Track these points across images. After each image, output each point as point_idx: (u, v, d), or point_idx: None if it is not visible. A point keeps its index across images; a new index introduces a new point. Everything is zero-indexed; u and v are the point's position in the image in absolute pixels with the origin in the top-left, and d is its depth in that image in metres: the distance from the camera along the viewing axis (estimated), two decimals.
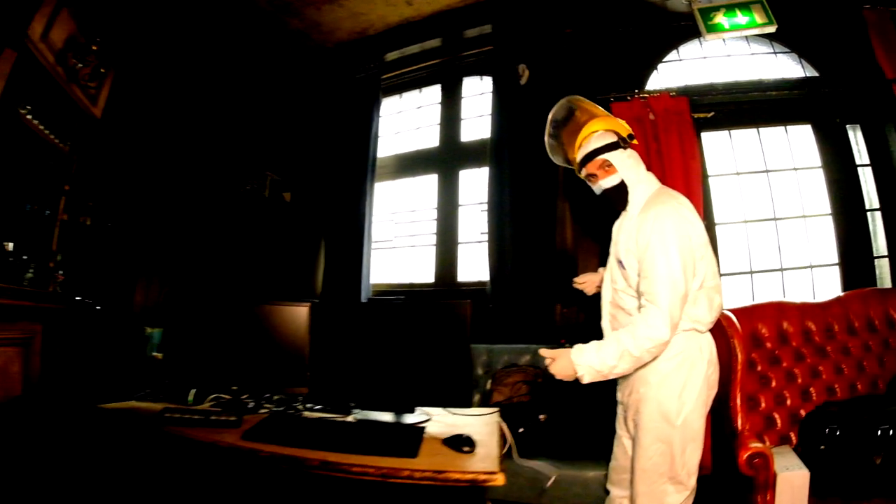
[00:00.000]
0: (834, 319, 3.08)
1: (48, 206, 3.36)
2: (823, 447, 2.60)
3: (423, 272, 4.58)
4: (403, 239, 4.79)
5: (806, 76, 4.02)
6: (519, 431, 3.06)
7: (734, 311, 2.99)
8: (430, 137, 4.77)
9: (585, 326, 2.39)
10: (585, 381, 2.01)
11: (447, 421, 2.22)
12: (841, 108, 3.85)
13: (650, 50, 4.16)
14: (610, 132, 2.19)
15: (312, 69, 4.86)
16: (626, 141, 2.18)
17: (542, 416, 3.15)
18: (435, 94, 4.84)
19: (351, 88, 4.67)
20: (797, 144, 4.00)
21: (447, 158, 4.65)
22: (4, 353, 2.90)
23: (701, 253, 2.10)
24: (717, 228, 3.85)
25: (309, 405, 2.37)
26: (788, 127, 4.01)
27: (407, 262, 4.75)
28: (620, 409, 2.34)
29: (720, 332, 2.80)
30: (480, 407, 3.24)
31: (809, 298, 3.32)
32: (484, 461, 1.78)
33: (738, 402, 2.77)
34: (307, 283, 4.68)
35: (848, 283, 3.72)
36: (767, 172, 3.98)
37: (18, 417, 2.83)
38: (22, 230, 3.16)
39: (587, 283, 2.68)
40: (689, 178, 3.41)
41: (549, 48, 4.11)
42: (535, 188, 3.94)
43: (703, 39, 3.95)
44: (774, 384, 2.94)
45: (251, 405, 2.31)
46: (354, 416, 2.25)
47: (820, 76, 3.96)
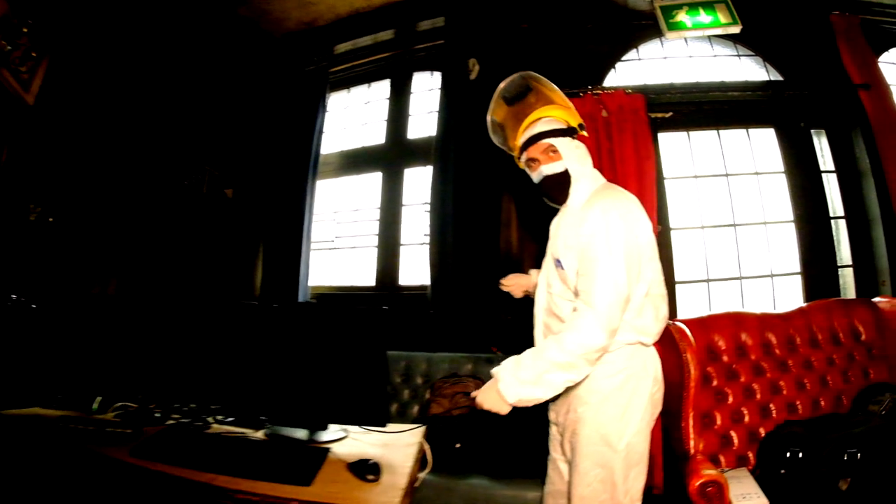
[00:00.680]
0: (796, 331, 2.87)
1: None
2: (784, 471, 2.36)
3: (364, 274, 4.32)
4: (346, 239, 4.52)
5: (770, 79, 3.85)
6: (456, 447, 2.87)
7: (688, 322, 2.76)
8: (376, 134, 4.52)
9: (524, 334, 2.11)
10: (527, 405, 1.78)
11: (366, 439, 1.99)
12: (806, 112, 3.69)
13: (609, 48, 3.93)
14: (562, 121, 1.99)
15: (260, 60, 4.55)
16: (575, 130, 1.99)
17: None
18: (384, 89, 4.58)
19: (299, 81, 4.40)
20: (759, 148, 3.79)
21: (393, 156, 4.39)
22: None
23: (649, 254, 1.90)
24: (672, 233, 3.61)
25: (220, 417, 2.13)
26: (750, 130, 3.80)
27: (348, 263, 4.48)
28: (555, 429, 2.10)
29: (671, 345, 2.58)
30: (418, 420, 3.17)
31: (770, 309, 3.13)
32: (387, 493, 1.57)
33: (690, 422, 2.49)
34: (246, 284, 4.37)
35: (810, 293, 3.54)
36: (727, 176, 3.76)
37: None
38: None
39: (514, 285, 2.41)
40: (642, 179, 3.16)
41: (503, 43, 3.84)
42: (480, 188, 3.69)
43: (664, 39, 3.78)
44: (731, 400, 2.70)
45: (158, 415, 2.11)
46: (265, 431, 2.02)
47: (784, 80, 3.80)
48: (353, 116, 4.69)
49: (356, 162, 4.54)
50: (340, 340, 2.05)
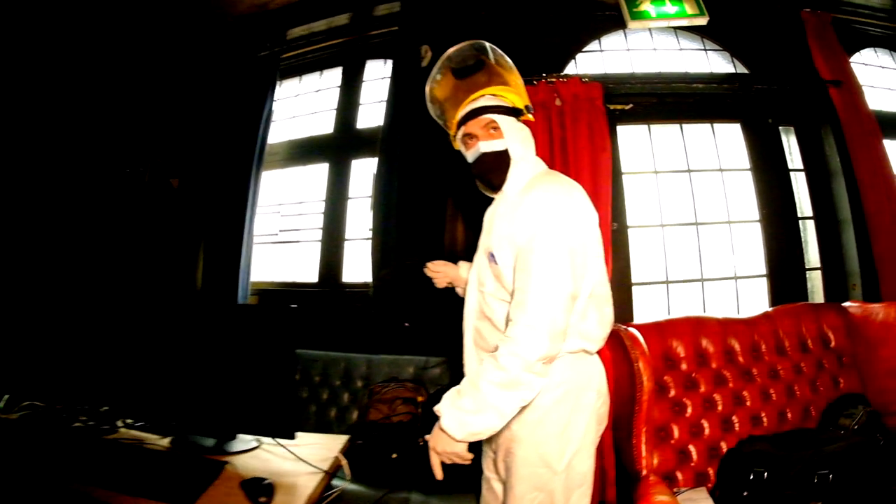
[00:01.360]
0: (761, 338, 2.58)
1: None
2: (747, 493, 2.07)
3: (308, 270, 4.03)
4: (290, 233, 4.24)
5: (737, 73, 3.61)
6: (392, 457, 2.63)
7: (643, 327, 2.46)
8: (325, 123, 4.22)
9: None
10: (483, 437, 1.53)
11: (279, 451, 1.80)
12: (774, 107, 3.46)
13: (570, 39, 3.65)
14: (508, 100, 1.74)
15: (212, 43, 4.21)
16: (521, 112, 1.75)
17: (420, 439, 2.62)
18: (336, 77, 4.29)
19: (249, 67, 4.08)
20: (725, 144, 3.53)
21: (340, 146, 4.09)
22: None
23: (595, 249, 1.65)
24: (630, 232, 3.31)
25: (130, 421, 1.98)
26: (716, 125, 3.55)
27: (293, 258, 4.19)
28: (487, 447, 1.84)
29: (622, 353, 2.29)
30: (356, 426, 2.93)
31: (733, 313, 2.89)
32: None
33: (642, 438, 2.18)
34: (188, 279, 4.02)
35: (776, 297, 3.30)
36: (690, 172, 3.48)
37: None
38: None
39: (441, 273, 2.08)
40: (597, 172, 2.88)
41: (458, 31, 3.45)
42: (426, 181, 3.41)
43: (628, 31, 3.58)
44: (690, 412, 2.41)
45: (64, 416, 1.96)
46: (171, 438, 1.86)
47: (752, 73, 3.57)
48: (303, 105, 4.40)
49: (304, 152, 4.25)
50: (245, 343, 1.86)
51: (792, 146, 3.51)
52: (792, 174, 3.45)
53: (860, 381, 2.61)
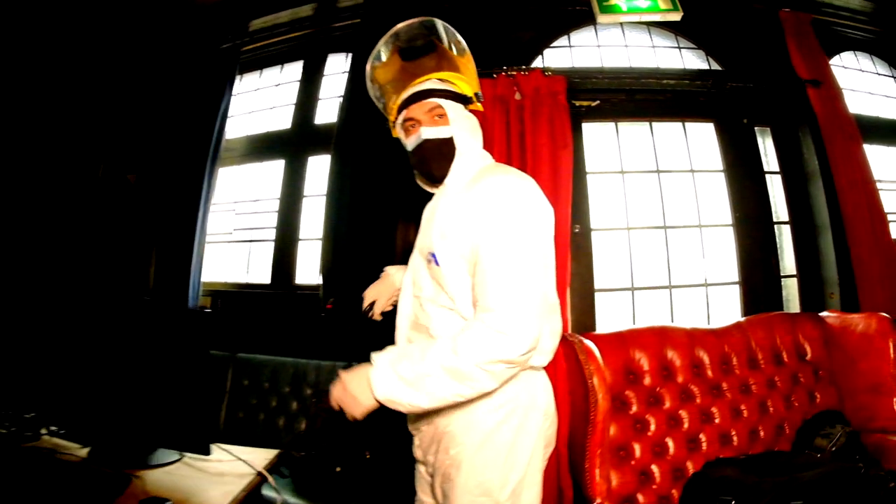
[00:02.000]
0: (732, 349, 2.37)
1: None
2: None
3: (262, 271, 3.81)
4: (244, 232, 4.01)
5: (711, 69, 3.38)
6: (336, 471, 2.46)
7: (602, 337, 2.24)
8: (284, 119, 3.98)
9: None
10: (399, 409, 1.34)
11: (201, 465, 1.64)
12: (749, 107, 3.22)
13: (537, 34, 3.37)
14: (457, 87, 1.58)
15: (174, 32, 3.92)
16: (470, 100, 1.59)
17: (367, 452, 2.55)
18: (296, 71, 4.05)
19: (211, 59, 3.83)
20: (697, 144, 3.28)
21: (297, 142, 3.85)
22: None
23: (552, 251, 1.49)
24: (593, 234, 3.03)
25: (54, 428, 1.81)
26: (687, 123, 3.30)
27: (248, 258, 3.97)
28: (423, 469, 1.62)
29: (576, 367, 2.04)
30: (298, 437, 2.74)
31: (703, 322, 2.71)
32: None
33: (595, 463, 1.89)
34: (141, 279, 3.75)
35: (750, 305, 3.04)
36: (659, 173, 3.22)
37: None
38: None
39: (377, 300, 1.84)
40: (557, 171, 2.62)
41: None
42: (379, 180, 3.15)
43: (598, 25, 3.30)
44: (654, 430, 2.18)
45: None
46: (89, 449, 1.69)
47: (727, 70, 3.33)
48: (263, 100, 4.16)
49: (260, 148, 4.03)
50: (153, 348, 1.69)
51: (768, 147, 3.29)
52: (767, 176, 3.22)
53: (838, 396, 2.41)
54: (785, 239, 3.18)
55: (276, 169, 3.89)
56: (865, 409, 2.32)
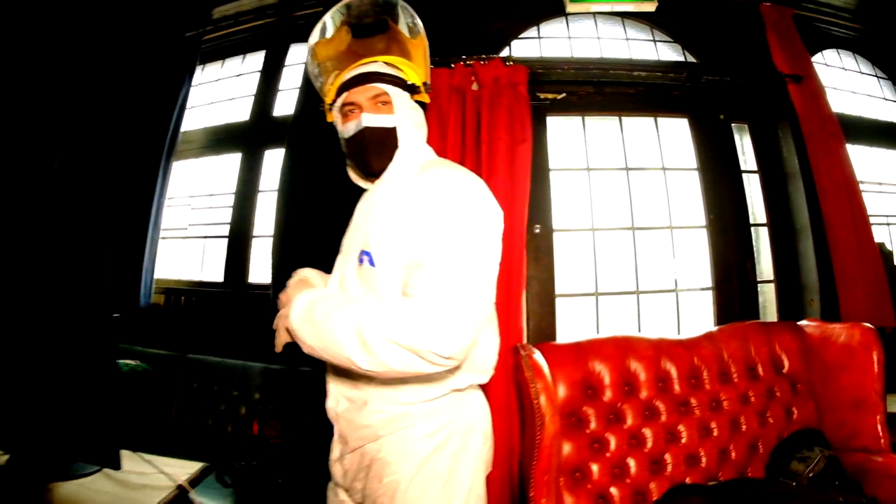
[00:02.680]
0: (702, 362, 2.15)
1: None
2: None
3: (216, 268, 3.66)
4: (199, 228, 3.84)
5: (686, 62, 3.17)
6: (278, 482, 2.31)
7: (558, 347, 2.08)
8: (243, 110, 3.80)
9: None
10: (297, 342, 1.27)
11: (120, 476, 1.52)
12: (726, 102, 3.01)
13: (505, 24, 3.12)
14: (406, 74, 1.44)
15: (137, 19, 3.65)
16: (417, 89, 1.44)
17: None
18: (258, 61, 3.88)
19: (173, 47, 3.62)
20: (669, 140, 3.04)
21: (255, 135, 3.68)
22: None
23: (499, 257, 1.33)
24: (555, 236, 2.79)
25: None
26: (659, 119, 3.07)
27: (202, 255, 3.81)
28: (343, 494, 1.45)
29: (521, 383, 1.72)
30: (244, 444, 2.53)
31: (672, 330, 2.46)
32: None
33: (542, 493, 1.65)
34: (94, 276, 3.52)
35: (723, 312, 2.82)
36: (628, 171, 2.99)
37: None
38: None
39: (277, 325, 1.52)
40: (514, 167, 2.38)
41: None
42: (333, 176, 2.79)
43: (567, 14, 3.07)
44: (614, 449, 1.98)
45: None
46: (8, 457, 1.57)
47: (702, 63, 3.13)
48: (223, 91, 3.98)
49: (218, 141, 3.86)
50: (64, 352, 1.54)
51: (745, 145, 3.09)
52: (744, 176, 3.02)
53: (816, 412, 2.20)
54: (762, 242, 2.99)
55: (232, 162, 3.71)
56: (846, 426, 2.11)
